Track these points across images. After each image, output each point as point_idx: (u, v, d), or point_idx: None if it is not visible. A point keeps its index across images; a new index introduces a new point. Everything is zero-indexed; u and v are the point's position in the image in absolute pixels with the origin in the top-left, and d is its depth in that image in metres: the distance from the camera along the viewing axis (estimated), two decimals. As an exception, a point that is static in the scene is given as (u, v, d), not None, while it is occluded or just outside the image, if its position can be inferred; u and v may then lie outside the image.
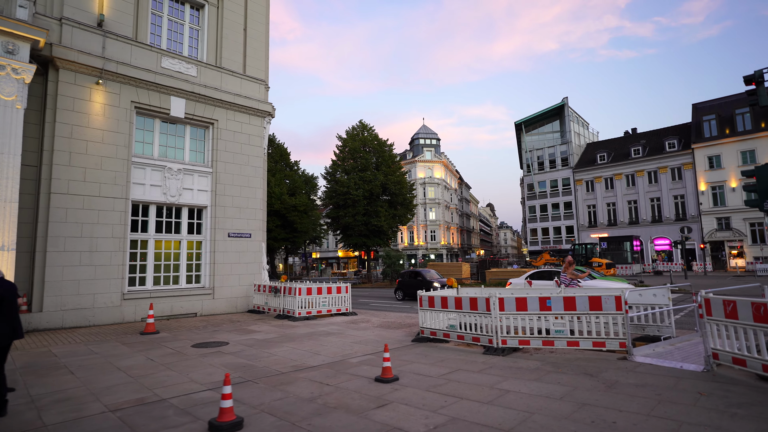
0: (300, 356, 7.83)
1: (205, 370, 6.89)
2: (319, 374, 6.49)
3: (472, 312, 8.04)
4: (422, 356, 7.55)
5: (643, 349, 6.97)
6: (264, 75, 16.53)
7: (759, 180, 8.16)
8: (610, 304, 6.87)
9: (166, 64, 13.79)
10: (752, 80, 10.33)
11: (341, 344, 8.94)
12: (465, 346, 8.25)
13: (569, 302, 7.11)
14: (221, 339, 9.77)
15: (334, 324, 11.94)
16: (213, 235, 14.52)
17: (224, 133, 15.11)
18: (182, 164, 14.14)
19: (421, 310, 9.18)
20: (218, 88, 14.93)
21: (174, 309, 13.37)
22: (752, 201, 8.69)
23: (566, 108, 56.30)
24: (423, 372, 6.41)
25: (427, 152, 71.57)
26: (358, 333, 10.40)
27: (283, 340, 9.60)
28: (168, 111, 13.76)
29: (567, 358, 6.88)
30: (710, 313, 5.79)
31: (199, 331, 11.00)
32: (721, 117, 43.52)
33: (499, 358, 7.17)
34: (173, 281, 13.79)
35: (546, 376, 5.87)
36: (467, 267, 31.00)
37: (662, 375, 5.71)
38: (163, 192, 13.62)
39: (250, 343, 9.30)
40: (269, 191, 36.06)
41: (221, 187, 14.83)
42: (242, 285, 15.06)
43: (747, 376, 5.42)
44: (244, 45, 16.03)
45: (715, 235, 42.11)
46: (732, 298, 5.46)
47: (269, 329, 11.20)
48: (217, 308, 14.36)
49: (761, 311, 5.02)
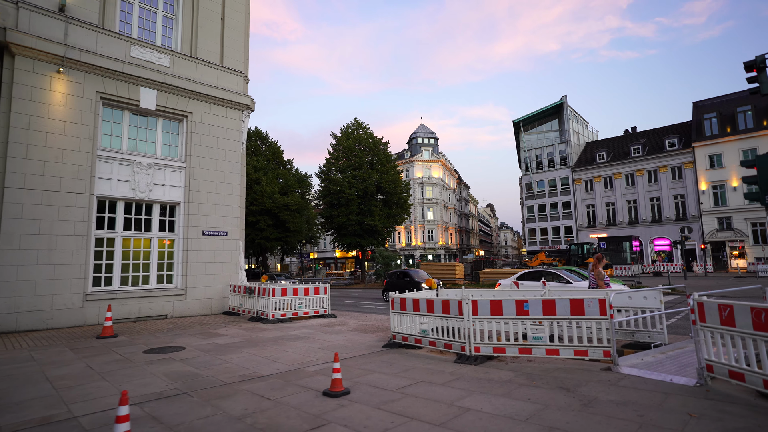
0: (255, 364, 7.14)
1: (144, 380, 6.19)
2: (265, 386, 5.80)
3: (444, 316, 7.34)
4: (387, 365, 6.85)
5: (630, 358, 6.25)
6: (243, 66, 15.84)
7: (760, 171, 7.44)
8: (594, 308, 6.16)
9: (136, 53, 13.11)
10: (753, 66, 9.60)
11: (305, 350, 8.24)
12: (437, 353, 7.54)
13: (548, 306, 6.40)
14: (180, 343, 9.07)
15: (308, 327, 11.24)
16: (186, 233, 13.83)
17: (199, 127, 14.42)
18: (153, 159, 13.45)
19: (393, 313, 8.48)
20: (193, 80, 14.25)
21: (142, 311, 12.68)
22: (752, 194, 7.97)
23: (565, 106, 55.53)
24: (380, 384, 5.70)
25: (425, 151, 70.84)
26: (330, 337, 9.70)
27: (246, 345, 8.91)
28: (138, 102, 13.08)
29: (545, 369, 6.17)
30: (704, 319, 5.08)
31: (161, 334, 10.31)
32: (723, 115, 42.73)
33: (470, 367, 6.46)
34: (142, 281, 13.10)
35: (516, 391, 5.16)
36: (461, 267, 30.28)
37: (648, 390, 4.99)
38: (131, 187, 12.94)
39: (208, 348, 8.61)
40: (260, 190, 35.42)
41: (195, 183, 14.14)
42: (217, 285, 14.37)
43: (745, 392, 4.70)
44: (222, 35, 15.35)
45: (716, 236, 41.31)
46: (729, 303, 4.75)
47: (237, 333, 10.50)
48: (190, 310, 13.67)
49: (762, 318, 4.31)
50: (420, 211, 68.33)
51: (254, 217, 36.36)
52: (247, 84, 16.08)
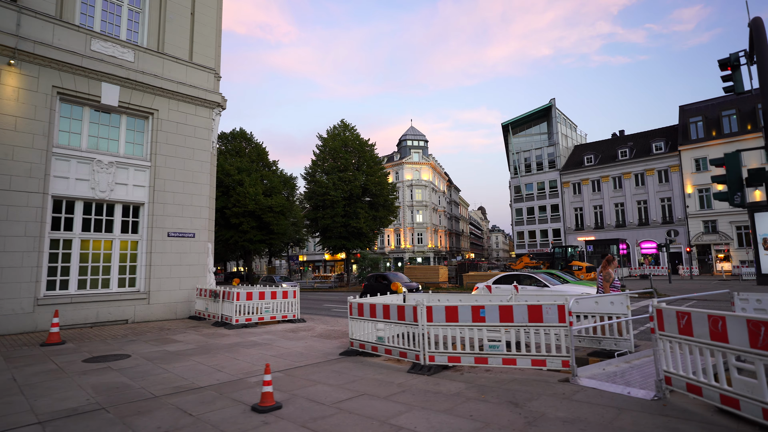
0: (196, 374, 6.66)
1: (67, 393, 5.69)
2: (194, 399, 5.33)
3: (399, 322, 6.91)
4: (336, 375, 6.40)
5: (591, 368, 5.87)
6: (214, 63, 15.35)
7: (728, 170, 7.13)
8: (552, 314, 5.76)
9: (98, 47, 12.59)
10: (727, 64, 9.33)
11: (258, 358, 7.77)
12: (395, 361, 7.11)
13: (505, 312, 6.00)
14: (128, 351, 8.56)
15: (271, 333, 10.75)
16: (150, 234, 13.29)
17: (166, 124, 13.91)
18: (115, 157, 12.91)
19: (350, 319, 8.04)
20: (159, 76, 13.74)
21: (100, 315, 12.11)
22: (721, 194, 7.65)
23: (553, 109, 55.55)
24: (318, 397, 5.26)
25: (414, 154, 70.52)
26: (289, 344, 9.23)
27: (197, 352, 8.42)
28: (99, 98, 12.55)
29: (500, 380, 5.76)
30: (662, 327, 4.71)
31: (113, 340, 9.78)
32: (708, 119, 42.91)
33: (422, 378, 6.03)
34: (102, 285, 12.54)
35: (461, 406, 4.75)
36: (445, 270, 29.89)
37: (602, 405, 4.60)
38: (91, 187, 12.39)
39: (156, 356, 8.11)
40: (243, 191, 34.83)
41: (161, 183, 13.62)
42: (183, 289, 13.83)
43: (703, 407, 4.33)
44: (191, 30, 14.86)
45: (701, 239, 41.38)
46: (686, 310, 4.37)
47: (194, 339, 10.00)
48: (153, 314, 13.12)
49: (719, 327, 3.94)
50: (409, 213, 67.98)
51: (237, 219, 35.77)
52: (218, 81, 15.59)
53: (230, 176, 35.60)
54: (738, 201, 7.31)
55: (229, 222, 36.62)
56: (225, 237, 37.35)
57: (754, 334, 3.60)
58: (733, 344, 3.80)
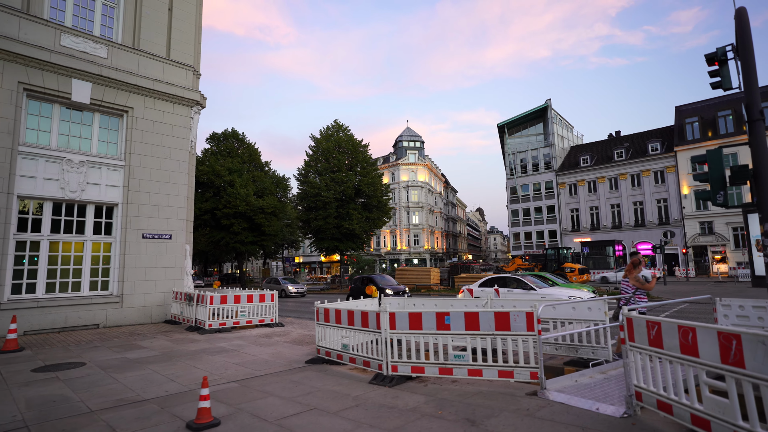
0: (146, 385, 6.25)
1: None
2: (132, 414, 4.93)
3: (363, 329, 6.51)
4: (293, 386, 6.00)
5: (562, 380, 5.47)
6: (193, 60, 14.96)
7: (711, 168, 6.72)
8: (520, 322, 5.37)
9: (68, 42, 12.19)
10: (714, 59, 8.96)
11: (219, 366, 7.36)
12: (359, 371, 6.71)
13: (471, 320, 5.60)
14: (84, 359, 8.15)
15: (243, 338, 10.34)
16: (124, 236, 12.88)
17: (141, 123, 13.50)
18: (87, 156, 12.50)
19: (318, 325, 7.64)
20: (134, 72, 13.34)
21: (69, 320, 11.69)
22: (704, 194, 7.25)
23: (549, 110, 55.21)
24: (264, 412, 4.85)
25: (410, 155, 70.11)
26: (258, 350, 8.82)
27: (158, 360, 8.01)
28: (69, 95, 12.14)
29: (464, 393, 5.36)
30: (633, 337, 4.31)
31: (75, 347, 9.37)
32: (704, 119, 42.61)
33: (382, 390, 5.63)
34: (73, 288, 12.12)
35: (412, 424, 4.35)
36: (437, 273, 29.46)
37: (566, 423, 4.20)
38: (60, 187, 11.98)
39: (112, 364, 7.70)
40: (234, 192, 34.40)
41: (136, 183, 13.21)
42: (159, 292, 13.41)
43: (674, 426, 3.93)
44: (169, 26, 14.46)
45: (697, 240, 41.03)
46: (656, 320, 3.98)
47: (161, 345, 9.59)
48: (126, 318, 12.70)
49: (689, 339, 3.54)
50: (405, 214, 67.58)
51: (228, 221, 35.33)
52: (198, 79, 15.20)
53: (221, 177, 35.17)
54: (720, 200, 6.91)
55: (220, 223, 36.17)
56: (216, 238, 36.90)
57: (725, 348, 3.20)
58: (704, 359, 3.41)
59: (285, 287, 29.58)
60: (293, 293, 29.36)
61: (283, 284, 30.13)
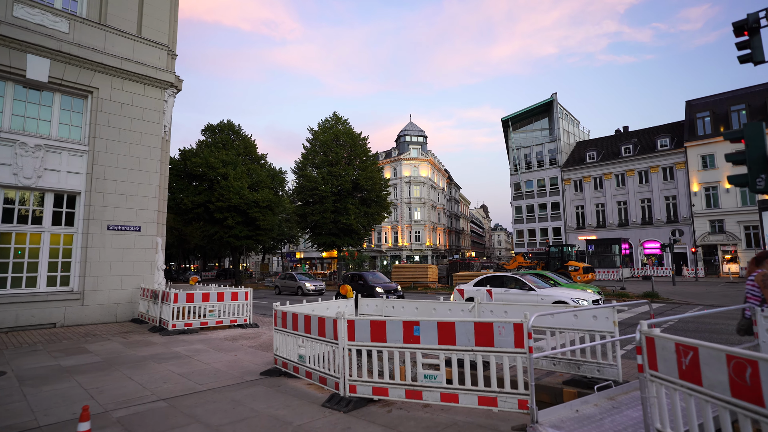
0: (55, 404, 5.17)
1: None
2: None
3: (320, 339, 5.39)
4: (231, 406, 4.89)
5: (559, 409, 4.31)
6: (167, 39, 13.84)
7: (749, 145, 5.59)
8: (507, 335, 4.22)
9: (22, 13, 11.10)
10: (744, 28, 7.72)
11: (158, 378, 6.27)
12: (316, 387, 5.59)
13: (445, 331, 4.46)
14: (10, 366, 7.09)
15: (205, 342, 9.26)
16: (87, 227, 11.83)
17: (108, 105, 12.42)
18: (45, 139, 11.45)
19: (275, 330, 6.53)
20: (100, 50, 12.25)
21: (20, 318, 10.66)
22: (738, 177, 6.07)
23: (555, 104, 53.69)
24: (168, 453, 3.75)
25: (413, 150, 68.83)
26: (214, 357, 7.74)
27: (94, 368, 6.94)
28: (23, 72, 11.07)
29: (434, 424, 4.23)
30: (655, 365, 3.15)
31: (11, 351, 8.32)
32: (716, 114, 41.01)
33: (334, 417, 4.51)
34: (27, 283, 11.10)
35: (353, 477, 3.22)
36: (434, 270, 28.29)
37: (562, 481, 3.06)
38: (13, 172, 10.93)
39: (38, 373, 6.63)
40: (227, 185, 33.37)
41: (100, 170, 12.14)
42: (126, 288, 12.37)
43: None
44: (140, 1, 13.34)
45: (707, 239, 39.55)
46: (692, 343, 2.82)
47: (109, 349, 8.52)
48: (88, 317, 11.67)
49: (746, 377, 2.38)
50: (407, 210, 66.38)
51: (221, 214, 34.31)
52: (173, 60, 14.09)
53: (214, 169, 34.11)
54: (761, 186, 5.71)
55: (213, 217, 35.17)
56: (209, 232, 35.91)
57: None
58: (770, 409, 2.25)
59: (302, 284, 26.17)
60: (311, 291, 25.72)
61: (299, 281, 26.65)
